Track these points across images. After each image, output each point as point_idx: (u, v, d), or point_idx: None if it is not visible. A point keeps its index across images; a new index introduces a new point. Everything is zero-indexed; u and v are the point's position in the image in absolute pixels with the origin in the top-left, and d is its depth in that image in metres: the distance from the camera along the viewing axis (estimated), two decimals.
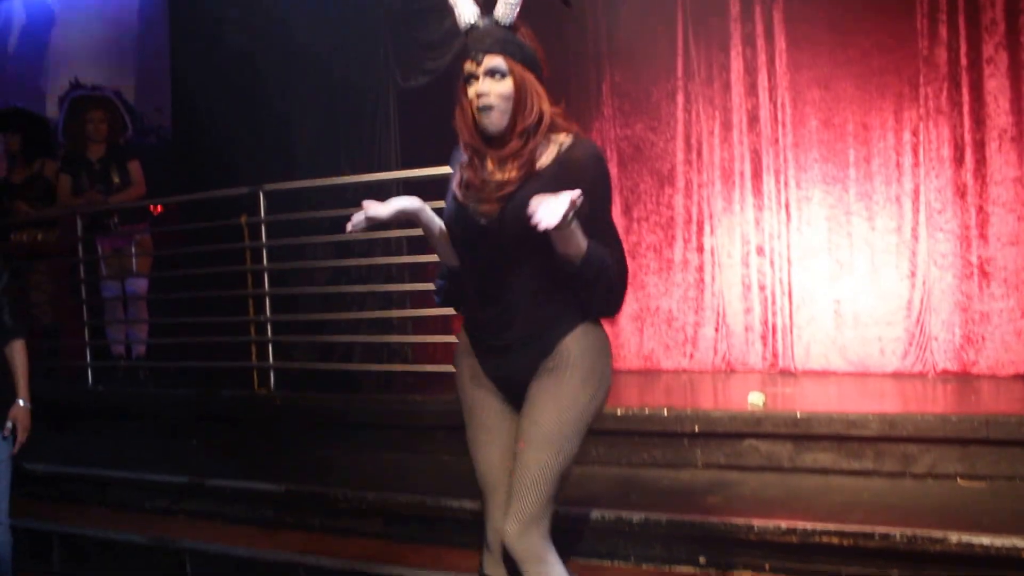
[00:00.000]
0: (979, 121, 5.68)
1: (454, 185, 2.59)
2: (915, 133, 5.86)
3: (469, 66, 2.47)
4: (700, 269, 6.51)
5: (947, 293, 5.74)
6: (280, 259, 6.10)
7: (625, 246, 2.65)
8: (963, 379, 5.55)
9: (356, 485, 4.50)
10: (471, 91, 2.46)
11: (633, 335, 6.65)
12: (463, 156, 2.57)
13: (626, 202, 6.71)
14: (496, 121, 2.45)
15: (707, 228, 6.48)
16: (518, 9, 2.48)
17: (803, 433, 4.20)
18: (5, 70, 9.57)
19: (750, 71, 6.33)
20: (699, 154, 6.52)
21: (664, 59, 6.56)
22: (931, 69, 5.79)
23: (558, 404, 2.51)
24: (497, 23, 2.48)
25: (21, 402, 3.89)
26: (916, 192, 5.85)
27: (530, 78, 2.47)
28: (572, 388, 2.52)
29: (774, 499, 3.87)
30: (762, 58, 6.27)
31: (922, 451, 4.05)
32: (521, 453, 2.51)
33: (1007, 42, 5.61)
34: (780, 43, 6.20)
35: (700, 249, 6.50)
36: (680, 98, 6.56)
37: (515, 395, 2.61)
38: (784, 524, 3.49)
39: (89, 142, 6.89)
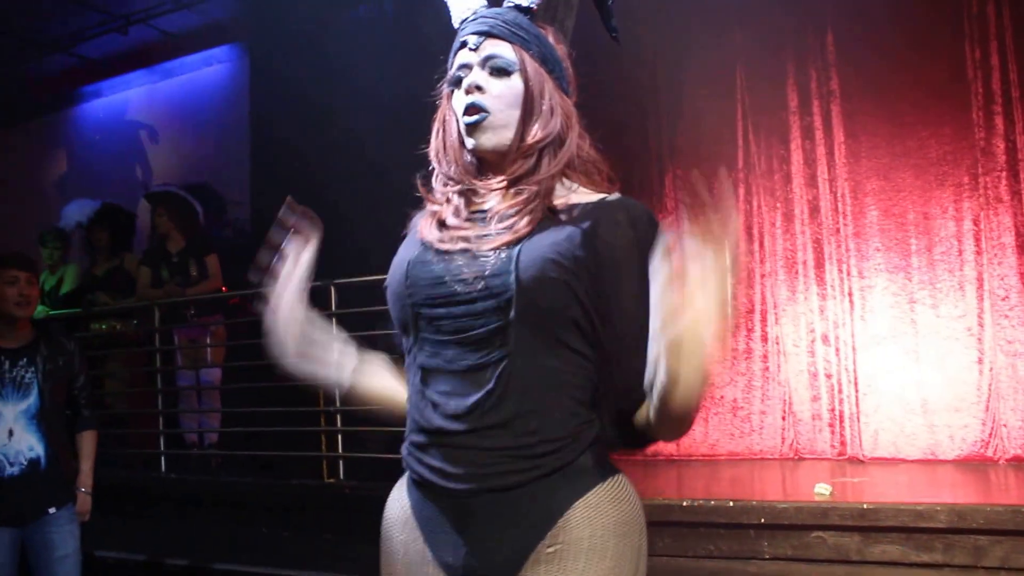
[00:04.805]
0: None
1: (420, 229, 1.70)
2: (976, 222, 5.89)
3: (461, 56, 1.64)
4: (765, 358, 6.52)
5: (1015, 379, 5.70)
6: None
7: None
8: None
9: None
10: (457, 96, 1.64)
11: (698, 425, 6.61)
12: (437, 194, 1.70)
13: None
14: (491, 135, 1.59)
15: (771, 317, 6.51)
16: None
17: (871, 525, 4.17)
18: (95, 166, 10.03)
19: (809, 163, 6.44)
20: (761, 244, 6.60)
21: (725, 152, 6.68)
22: (989, 159, 5.85)
23: None
24: (511, 5, 1.65)
25: (83, 489, 4.07)
26: (980, 279, 5.86)
27: (550, 83, 1.62)
28: None
29: None
30: (821, 150, 6.38)
31: (993, 543, 3.99)
32: None
33: None
34: (839, 135, 6.31)
35: (765, 339, 6.53)
36: (741, 190, 6.67)
37: None
38: None
39: (169, 236, 7.11)
